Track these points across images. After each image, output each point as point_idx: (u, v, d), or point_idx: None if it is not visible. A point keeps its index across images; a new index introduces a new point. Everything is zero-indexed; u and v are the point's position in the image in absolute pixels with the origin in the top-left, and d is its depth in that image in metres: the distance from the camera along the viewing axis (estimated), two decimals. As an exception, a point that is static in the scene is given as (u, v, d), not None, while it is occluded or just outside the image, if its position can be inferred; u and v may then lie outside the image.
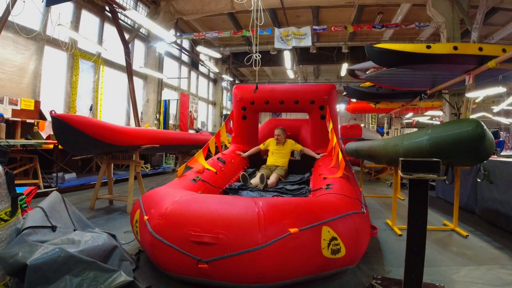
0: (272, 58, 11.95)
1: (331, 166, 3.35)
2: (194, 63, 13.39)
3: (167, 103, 10.48)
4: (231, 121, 4.60)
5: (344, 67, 10.85)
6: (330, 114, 3.95)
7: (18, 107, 5.65)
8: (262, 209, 1.90)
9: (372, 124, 17.29)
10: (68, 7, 7.63)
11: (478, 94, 6.66)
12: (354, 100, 11.77)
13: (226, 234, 1.74)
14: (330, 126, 3.73)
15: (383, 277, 1.91)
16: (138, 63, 9.56)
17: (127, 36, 8.36)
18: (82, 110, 7.77)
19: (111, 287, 1.56)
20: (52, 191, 2.40)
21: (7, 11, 5.21)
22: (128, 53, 8.16)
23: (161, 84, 10.44)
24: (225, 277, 1.73)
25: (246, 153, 4.48)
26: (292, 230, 1.81)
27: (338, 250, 1.94)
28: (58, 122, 3.15)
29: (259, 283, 1.75)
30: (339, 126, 7.06)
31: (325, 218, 1.97)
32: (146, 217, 2.05)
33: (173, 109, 10.91)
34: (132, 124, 8.91)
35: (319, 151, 4.23)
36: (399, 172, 1.66)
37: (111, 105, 8.50)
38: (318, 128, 4.37)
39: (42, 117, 6.10)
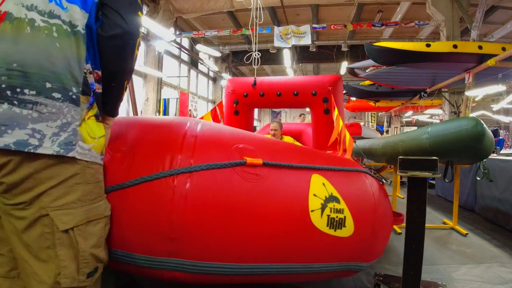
0: (271, 57, 11.93)
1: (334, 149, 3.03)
2: (193, 62, 13.37)
3: (166, 102, 10.48)
4: (219, 113, 3.88)
5: (344, 66, 10.83)
6: (337, 109, 3.34)
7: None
8: (200, 130, 1.22)
9: (371, 122, 17.28)
10: (67, 5, 7.61)
11: (477, 93, 6.67)
12: (353, 98, 11.78)
13: (122, 148, 1.11)
14: (336, 113, 3.23)
15: (385, 274, 1.92)
16: (137, 62, 9.55)
17: (126, 34, 8.33)
18: (81, 109, 7.73)
19: (111, 286, 1.56)
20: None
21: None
22: (127, 52, 8.14)
23: (160, 83, 10.43)
24: (110, 236, 1.02)
25: None
26: (250, 159, 1.14)
27: (341, 222, 1.20)
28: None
29: (174, 258, 1.05)
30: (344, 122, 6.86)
31: (319, 164, 1.30)
32: None
33: (172, 108, 10.91)
34: (132, 123, 8.90)
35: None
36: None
37: (110, 104, 8.49)
38: (321, 124, 3.73)
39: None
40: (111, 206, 0.98)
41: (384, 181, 1.73)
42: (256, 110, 4.48)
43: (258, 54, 4.28)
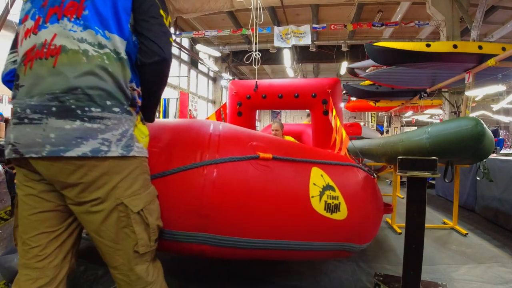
0: (271, 57, 11.93)
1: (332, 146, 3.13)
2: (193, 62, 13.37)
3: (166, 102, 10.48)
4: (223, 114, 4.24)
5: (344, 66, 10.84)
6: (335, 110, 3.57)
7: (17, 106, 5.65)
8: (220, 130, 1.46)
9: (371, 122, 17.30)
10: (67, 5, 7.60)
11: (477, 93, 6.67)
12: (353, 98, 11.78)
13: (159, 144, 1.32)
14: (333, 114, 3.44)
15: (385, 274, 1.92)
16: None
17: (126, 34, 8.34)
18: (81, 109, 7.73)
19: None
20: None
21: (6, 10, 5.20)
22: (127, 52, 8.15)
23: (160, 83, 10.42)
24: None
25: None
26: (262, 154, 1.37)
27: (337, 206, 1.43)
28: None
29: (204, 232, 1.25)
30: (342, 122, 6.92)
31: (318, 159, 1.55)
32: None
33: (172, 108, 10.91)
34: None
35: None
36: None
37: (110, 104, 8.50)
38: (320, 125, 3.97)
39: (42, 116, 6.09)
40: (158, 191, 1.18)
41: (375, 175, 1.89)
42: (256, 111, 4.58)
43: (258, 54, 4.27)
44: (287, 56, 11.43)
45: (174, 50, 11.59)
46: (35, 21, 0.97)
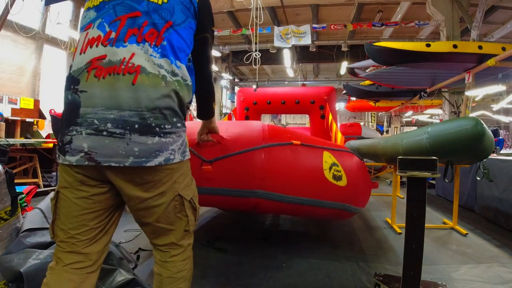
0: (271, 57, 11.94)
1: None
2: (193, 62, 13.35)
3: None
4: (234, 119, 4.75)
5: (344, 66, 10.84)
6: (331, 114, 4.12)
7: (17, 106, 5.65)
8: (267, 126, 2.07)
9: (371, 122, 17.30)
10: (67, 5, 7.62)
11: (477, 93, 6.67)
12: (353, 98, 11.78)
13: (231, 136, 1.87)
14: (330, 118, 3.90)
15: (385, 274, 1.92)
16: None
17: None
18: (81, 109, 7.75)
19: (112, 286, 1.56)
20: (52, 190, 2.41)
21: (6, 10, 5.20)
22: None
23: (160, 83, 10.42)
24: (226, 180, 1.85)
25: None
26: (294, 141, 2.03)
27: (340, 177, 2.14)
28: (58, 121, 3.15)
29: (261, 189, 1.87)
30: (338, 125, 7.12)
31: (327, 146, 2.27)
32: None
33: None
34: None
35: None
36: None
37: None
38: (318, 127, 4.50)
39: (42, 116, 6.10)
40: (233, 164, 1.82)
41: (364, 160, 2.61)
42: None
43: (258, 54, 4.29)
44: (287, 56, 11.44)
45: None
46: (105, 34, 1.05)
